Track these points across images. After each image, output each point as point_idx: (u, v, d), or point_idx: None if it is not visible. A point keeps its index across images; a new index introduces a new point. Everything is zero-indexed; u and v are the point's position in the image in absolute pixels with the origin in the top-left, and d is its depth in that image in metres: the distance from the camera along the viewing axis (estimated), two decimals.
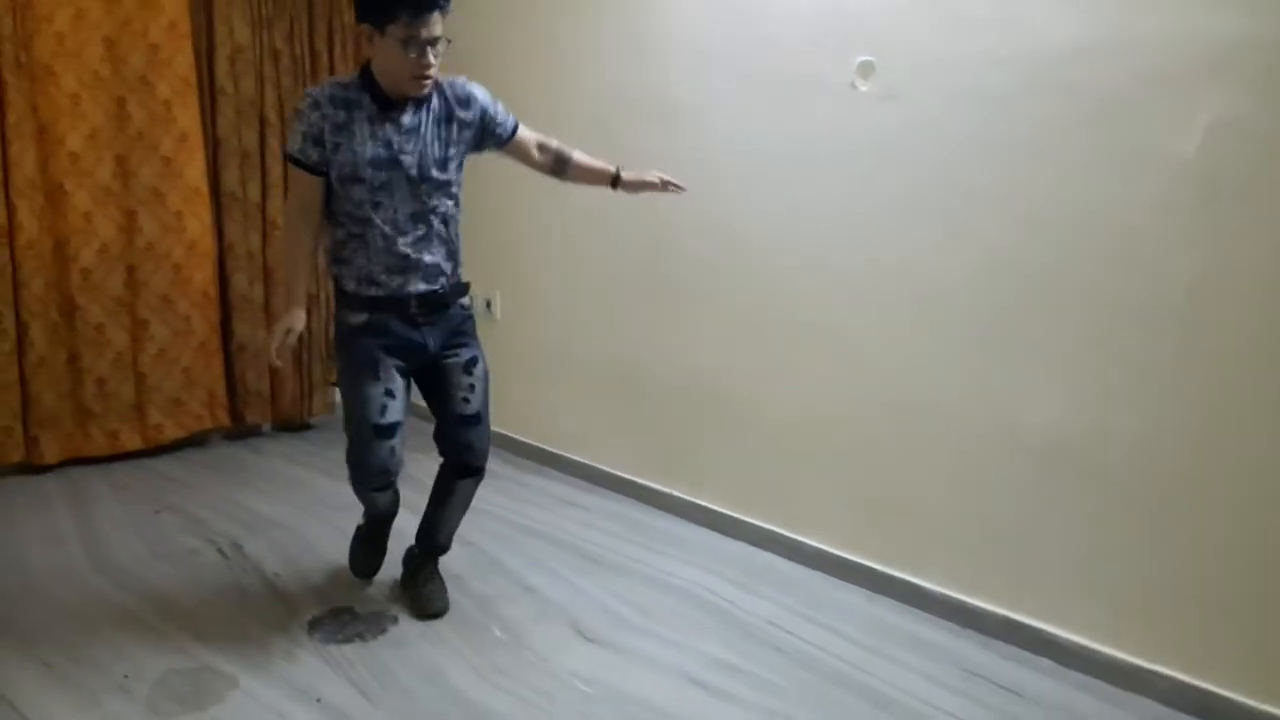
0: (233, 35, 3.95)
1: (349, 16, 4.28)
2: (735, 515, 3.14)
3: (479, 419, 2.49)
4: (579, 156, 2.54)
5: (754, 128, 2.92)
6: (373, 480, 2.42)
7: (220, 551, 2.97)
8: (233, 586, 2.74)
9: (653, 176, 2.52)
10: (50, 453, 3.66)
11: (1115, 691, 2.26)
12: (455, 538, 2.68)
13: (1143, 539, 2.22)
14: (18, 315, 3.54)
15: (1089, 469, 2.29)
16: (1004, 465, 2.45)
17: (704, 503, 3.25)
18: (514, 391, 4.03)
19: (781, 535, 3.00)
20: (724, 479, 3.19)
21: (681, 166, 3.11)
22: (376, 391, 2.32)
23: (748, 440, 3.10)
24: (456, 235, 2.43)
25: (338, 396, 4.62)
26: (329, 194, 2.31)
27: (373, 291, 2.32)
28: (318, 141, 2.24)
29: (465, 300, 2.48)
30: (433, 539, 2.65)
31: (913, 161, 2.55)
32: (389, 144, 2.24)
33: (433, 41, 2.16)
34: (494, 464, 3.87)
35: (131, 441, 3.85)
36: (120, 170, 3.74)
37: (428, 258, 2.34)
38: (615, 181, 2.54)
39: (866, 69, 2.62)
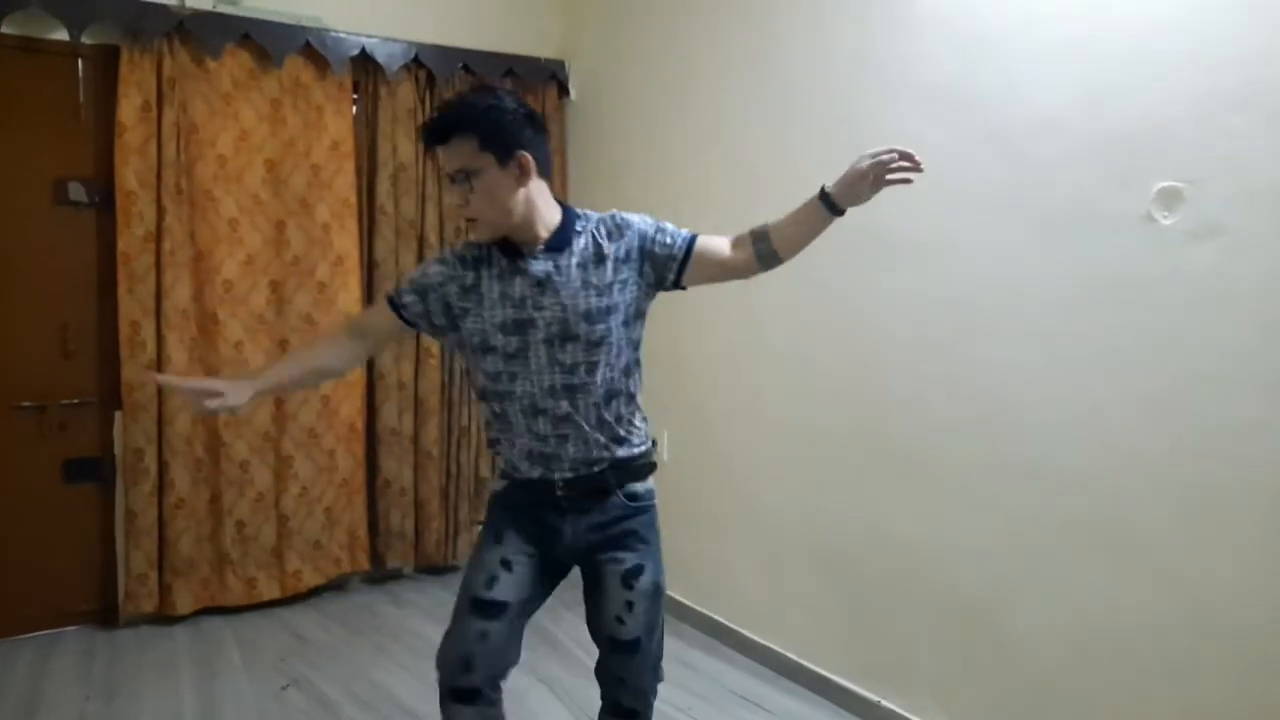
0: (396, 154, 3.74)
1: None
2: None
3: (636, 648, 1.90)
4: (778, 220, 1.87)
5: (1017, 269, 2.34)
6: (448, 673, 1.83)
7: None
8: None
9: (865, 162, 1.75)
10: (183, 603, 3.38)
11: None
12: None
13: None
14: (159, 454, 3.31)
15: None
16: None
17: (917, 718, 2.58)
18: (683, 548, 3.49)
19: None
20: (948, 692, 2.52)
21: (913, 306, 2.59)
22: (491, 557, 1.85)
23: (981, 649, 2.43)
24: (624, 412, 1.88)
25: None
26: (469, 375, 1.92)
27: (519, 475, 1.89)
28: (420, 291, 1.85)
29: (639, 488, 1.90)
30: None
31: (1229, 322, 1.90)
32: (519, 302, 1.79)
33: (453, 177, 1.76)
34: None
35: (269, 590, 3.54)
36: (275, 297, 3.52)
37: (572, 449, 1.83)
38: (827, 201, 1.79)
39: (1171, 197, 2.01)
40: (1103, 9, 2.12)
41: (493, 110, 1.73)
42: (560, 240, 1.81)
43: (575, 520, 1.86)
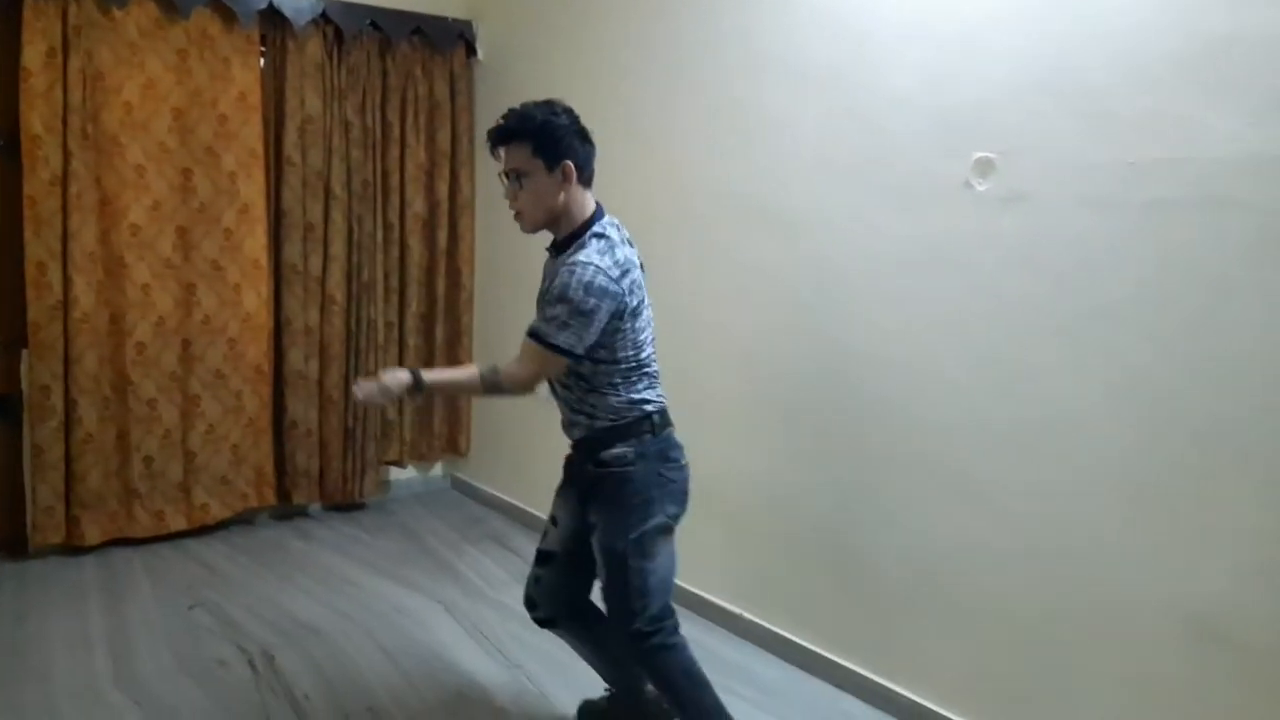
0: (304, 106, 3.86)
1: (422, 89, 4.17)
2: (822, 653, 2.80)
3: (608, 595, 2.14)
4: (464, 367, 2.38)
5: (875, 234, 2.62)
6: (527, 608, 2.32)
7: (250, 664, 2.74)
8: (258, 713, 2.49)
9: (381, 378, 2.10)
10: (91, 534, 3.51)
11: None
12: (499, 661, 2.42)
13: None
14: (66, 392, 3.42)
15: (1245, 650, 1.92)
16: (1147, 637, 2.08)
17: (786, 633, 2.92)
18: None
19: (874, 683, 2.64)
20: (812, 610, 2.86)
21: (789, 271, 2.87)
22: (549, 516, 2.30)
23: (846, 572, 2.76)
24: (591, 401, 2.07)
25: (390, 476, 4.53)
26: None
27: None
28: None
29: (606, 454, 2.07)
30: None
31: (1039, 277, 2.23)
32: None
33: (509, 174, 2.05)
34: None
35: (176, 522, 3.69)
36: (182, 243, 3.63)
37: (566, 419, 2.18)
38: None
39: (985, 166, 2.33)
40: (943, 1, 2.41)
41: (548, 123, 1.99)
42: (566, 243, 2.05)
43: (579, 487, 2.19)
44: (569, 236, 2.05)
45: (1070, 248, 2.18)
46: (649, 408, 2.10)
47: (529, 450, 4.01)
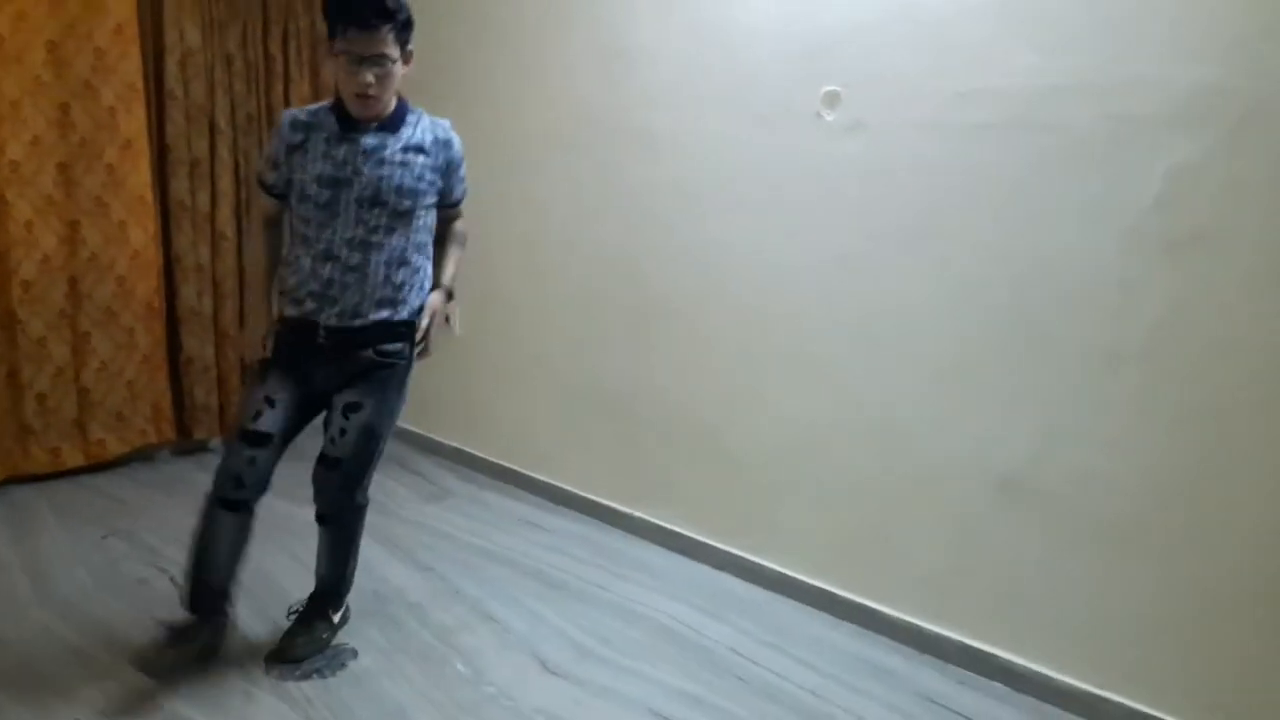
0: (183, 39, 3.83)
1: (304, 21, 4.18)
2: (702, 539, 3.14)
3: (337, 465, 2.33)
4: (448, 251, 2.47)
5: (727, 152, 2.91)
6: (222, 487, 2.26)
7: (172, 580, 2.88)
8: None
9: (426, 318, 2.37)
10: None
11: (1068, 717, 2.32)
12: (412, 565, 2.63)
13: (1096, 572, 2.27)
14: None
15: (1048, 502, 2.34)
16: (968, 496, 2.48)
17: (671, 526, 3.25)
18: (475, 405, 3.99)
19: (747, 560, 3.01)
20: (693, 503, 3.19)
21: (656, 189, 3.12)
22: (258, 395, 2.28)
23: (718, 465, 3.10)
24: (406, 281, 2.31)
25: None
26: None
27: (291, 310, 2.29)
28: (274, 165, 2.29)
29: (389, 347, 2.32)
30: (317, 577, 2.57)
31: (881, 192, 2.57)
32: (341, 163, 2.20)
33: (374, 59, 2.10)
34: (453, 481, 3.87)
35: (73, 459, 3.73)
36: (63, 179, 3.60)
37: (352, 296, 2.24)
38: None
39: (832, 98, 2.63)
40: None
41: (406, 10, 2.13)
42: (393, 123, 2.23)
43: (327, 367, 2.29)
44: (394, 116, 2.23)
45: (904, 167, 2.52)
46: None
47: (429, 379, 4.18)
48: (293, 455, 2.38)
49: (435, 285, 2.42)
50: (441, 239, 2.45)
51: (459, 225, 2.50)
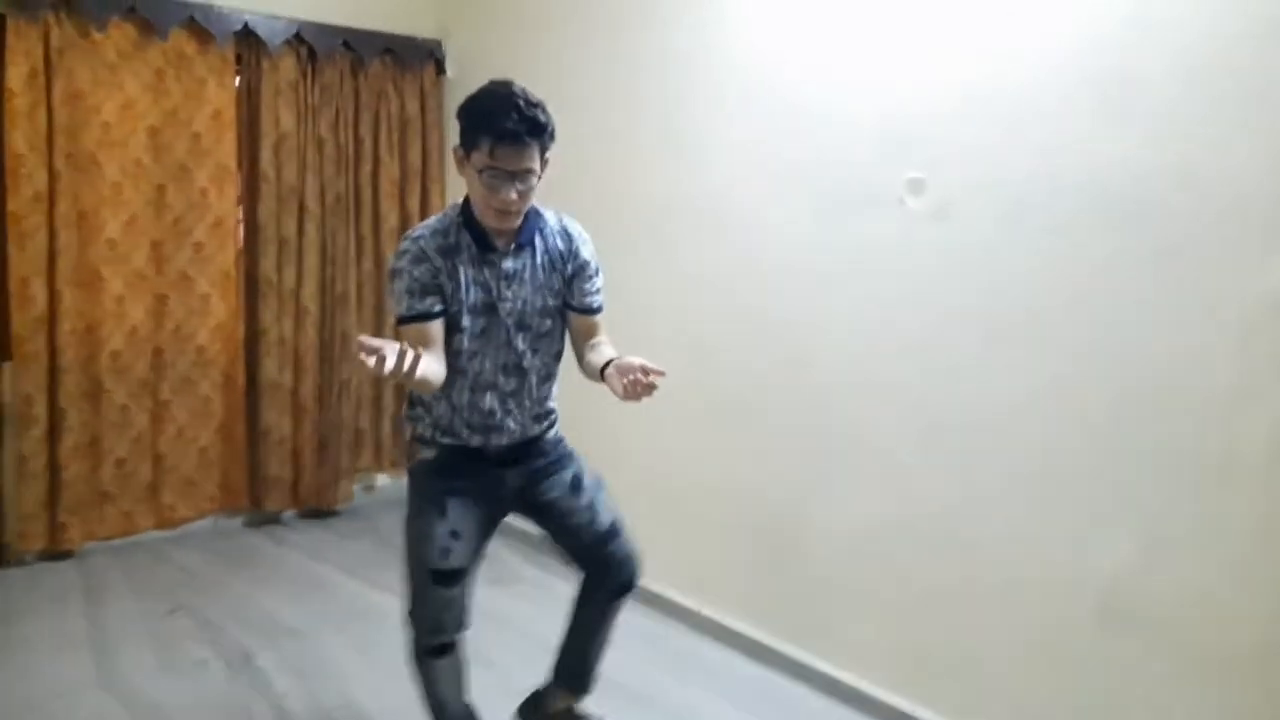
0: (278, 124, 3.98)
1: (394, 105, 4.30)
2: (765, 641, 2.97)
3: (619, 529, 2.21)
4: (604, 348, 2.16)
5: (800, 237, 2.83)
6: (425, 636, 2.13)
7: (228, 664, 2.85)
8: (239, 709, 2.61)
9: (620, 380, 1.96)
10: (70, 538, 3.60)
11: None
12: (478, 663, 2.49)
13: (1213, 707, 2.02)
14: (52, 401, 3.52)
15: (1153, 627, 2.10)
16: (1060, 614, 2.26)
17: (732, 624, 3.08)
18: None
19: (816, 669, 2.81)
20: (751, 595, 3.02)
21: (725, 273, 3.05)
22: (441, 531, 2.07)
23: (782, 561, 2.93)
24: (550, 394, 2.21)
25: (365, 482, 4.63)
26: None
27: (448, 440, 2.13)
28: (430, 291, 1.98)
29: (552, 437, 2.24)
30: (578, 675, 2.32)
31: (964, 283, 2.43)
32: (488, 288, 2.03)
33: (520, 175, 1.91)
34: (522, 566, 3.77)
35: (145, 522, 3.80)
36: (155, 255, 3.74)
37: (512, 422, 2.12)
38: (602, 373, 2.07)
39: (916, 185, 2.52)
40: (869, 16, 2.60)
41: (553, 121, 1.94)
42: (527, 238, 2.05)
43: (510, 468, 2.16)
44: (525, 228, 2.04)
45: (991, 257, 2.37)
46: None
47: None
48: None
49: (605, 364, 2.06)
50: (582, 352, 2.19)
51: (608, 349, 2.15)
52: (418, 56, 4.32)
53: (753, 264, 2.98)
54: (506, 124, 1.85)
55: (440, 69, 4.42)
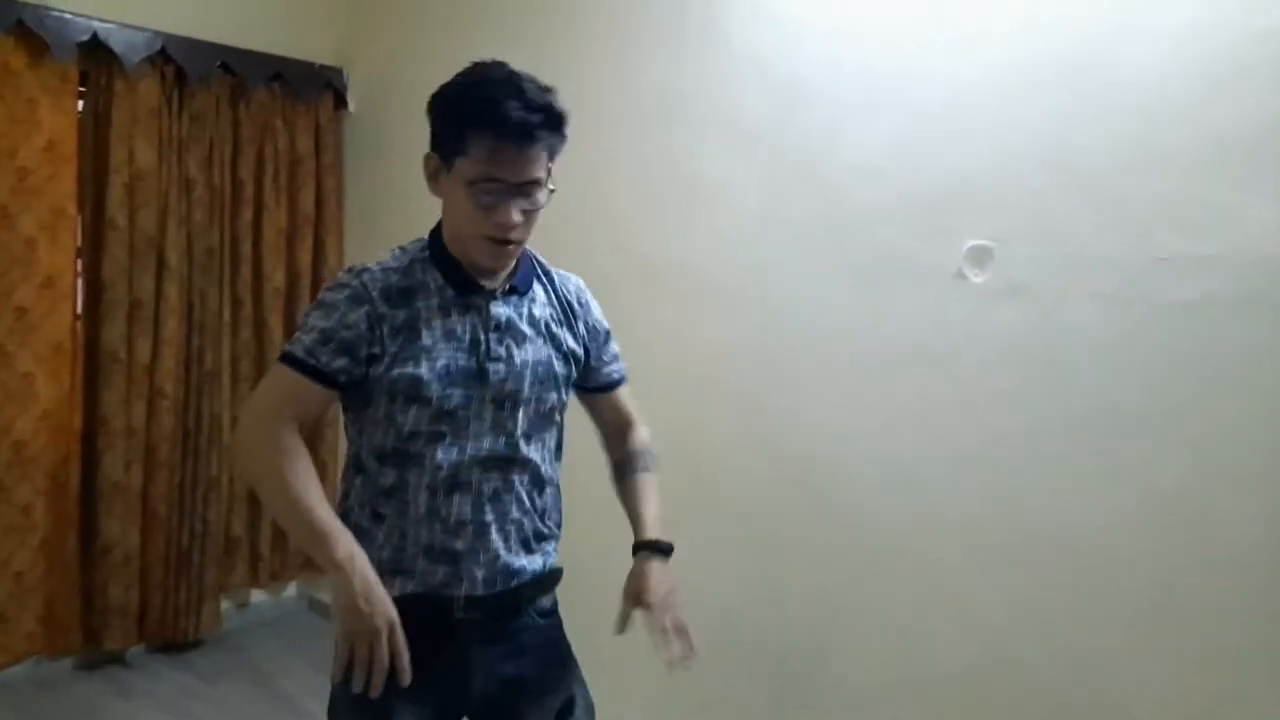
0: (133, 159, 3.18)
1: (283, 141, 3.57)
2: None
3: None
4: (641, 480, 1.64)
5: (834, 318, 2.25)
6: None
7: None
8: None
9: (654, 625, 1.51)
10: None
11: None
12: None
13: None
14: None
15: None
16: None
17: None
18: None
19: None
20: None
21: (729, 355, 2.45)
22: None
23: (807, 702, 2.30)
24: (549, 508, 1.55)
25: (237, 600, 3.77)
26: (356, 425, 1.47)
27: (396, 589, 1.40)
28: (347, 350, 1.39)
29: (546, 602, 1.58)
30: None
31: (1040, 374, 1.91)
32: (472, 344, 1.43)
33: (525, 188, 1.37)
34: None
35: None
36: None
37: (493, 542, 1.44)
38: (635, 550, 1.59)
39: (981, 255, 1.98)
40: (917, 61, 2.08)
41: (568, 119, 1.40)
42: (523, 281, 1.49)
43: (483, 653, 1.47)
44: (520, 269, 1.50)
45: (1078, 347, 1.86)
46: None
47: None
48: None
49: (639, 538, 1.58)
50: (624, 466, 1.65)
51: (644, 433, 1.68)
52: (313, 85, 3.62)
53: (767, 349, 2.38)
54: (512, 114, 1.32)
55: (340, 102, 3.73)
